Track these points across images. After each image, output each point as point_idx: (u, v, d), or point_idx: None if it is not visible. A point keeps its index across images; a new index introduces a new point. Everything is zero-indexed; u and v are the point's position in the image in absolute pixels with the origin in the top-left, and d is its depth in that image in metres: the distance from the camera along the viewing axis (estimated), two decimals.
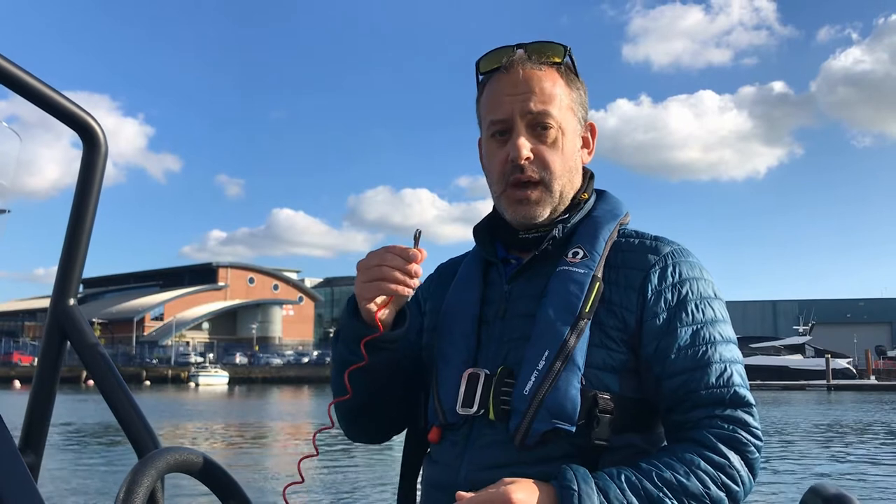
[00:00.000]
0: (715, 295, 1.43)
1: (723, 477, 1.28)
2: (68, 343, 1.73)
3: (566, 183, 1.45)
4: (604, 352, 1.35)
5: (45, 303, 1.82)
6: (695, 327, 1.38)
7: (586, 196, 1.50)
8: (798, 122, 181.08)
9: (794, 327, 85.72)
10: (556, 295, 1.38)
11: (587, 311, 1.35)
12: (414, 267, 1.33)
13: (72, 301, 1.72)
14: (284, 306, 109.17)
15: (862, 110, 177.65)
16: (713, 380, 1.35)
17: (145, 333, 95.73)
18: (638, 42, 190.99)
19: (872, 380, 66.02)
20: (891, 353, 79.79)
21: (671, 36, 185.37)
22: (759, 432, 1.34)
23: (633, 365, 1.38)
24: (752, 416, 1.35)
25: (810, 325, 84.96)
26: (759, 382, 62.13)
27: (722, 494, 1.27)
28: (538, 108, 1.41)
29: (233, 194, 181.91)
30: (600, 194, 1.56)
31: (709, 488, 1.26)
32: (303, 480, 1.44)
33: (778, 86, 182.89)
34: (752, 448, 1.32)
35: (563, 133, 1.44)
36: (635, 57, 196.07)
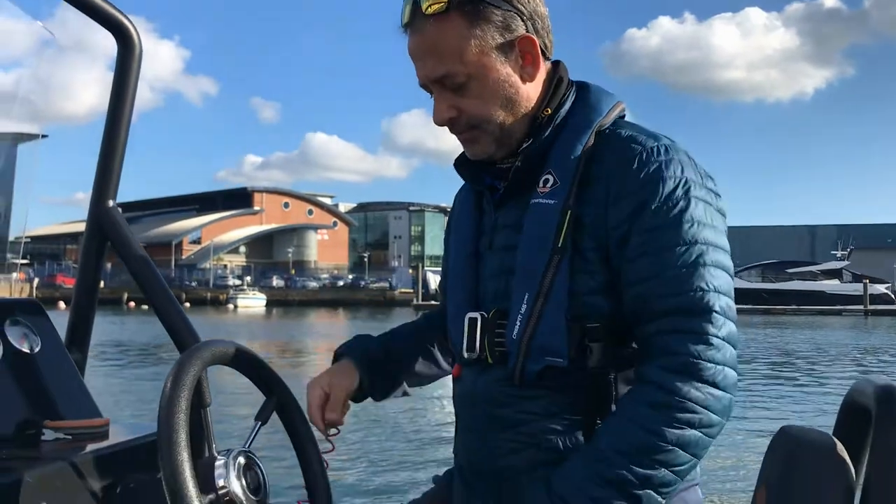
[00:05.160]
0: (686, 193, 1.30)
1: (676, 414, 1.22)
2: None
3: (503, 117, 1.38)
4: (587, 276, 1.32)
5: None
6: (652, 233, 1.29)
7: (549, 111, 1.41)
8: (849, 40, 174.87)
9: (833, 252, 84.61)
10: (530, 232, 1.36)
11: (560, 245, 1.32)
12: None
13: (111, 202, 1.78)
14: (319, 231, 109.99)
15: None
16: (667, 287, 1.27)
17: (183, 257, 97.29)
18: None
19: None
20: None
21: None
22: (717, 339, 1.25)
23: (617, 282, 1.34)
24: (709, 322, 1.25)
25: (849, 250, 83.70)
26: (794, 307, 61.78)
27: (685, 432, 1.22)
28: (438, 73, 1.36)
29: (267, 118, 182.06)
30: (580, 94, 1.43)
31: (665, 438, 1.22)
32: (333, 448, 1.51)
33: (829, 1, 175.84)
34: (706, 364, 1.24)
35: (476, 77, 1.36)
36: None
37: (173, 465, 1.12)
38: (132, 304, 63.51)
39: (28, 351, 1.59)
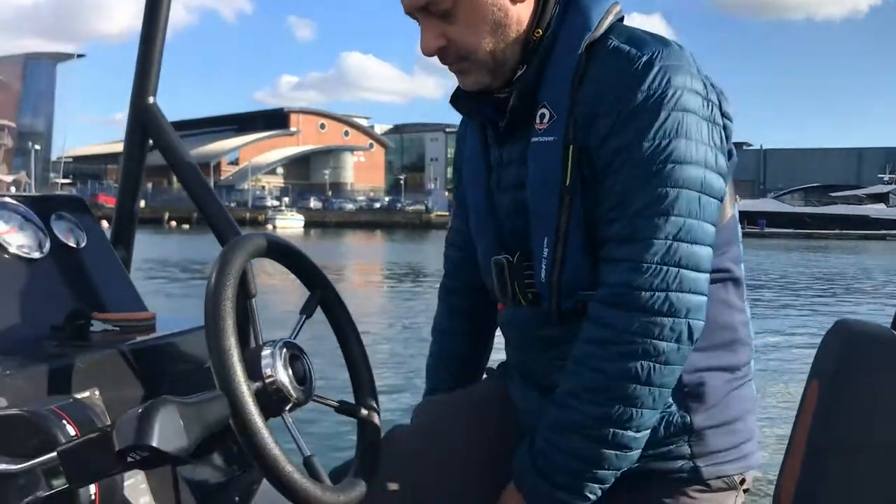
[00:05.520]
0: (659, 106, 1.20)
1: (617, 348, 1.19)
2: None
3: (493, 44, 1.29)
4: (599, 209, 1.26)
5: None
6: (616, 154, 1.22)
7: (540, 32, 1.31)
8: None
9: (879, 175, 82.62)
10: (535, 173, 1.30)
11: (568, 185, 1.25)
12: None
13: (151, 99, 1.77)
14: (355, 152, 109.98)
15: None
16: (610, 213, 1.22)
17: (222, 178, 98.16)
18: None
19: None
20: None
21: None
22: (651, 265, 1.18)
23: None
24: (644, 248, 1.19)
25: None
26: (836, 232, 60.85)
27: (630, 365, 1.19)
28: (421, 1, 1.28)
29: (303, 37, 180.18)
30: (568, 7, 1.32)
31: (609, 374, 1.20)
32: None
33: None
34: (640, 293, 1.18)
35: (462, 2, 1.27)
36: None
37: (221, 351, 1.12)
38: (173, 223, 64.61)
39: (74, 245, 1.60)
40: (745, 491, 1.39)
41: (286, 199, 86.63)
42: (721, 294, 1.34)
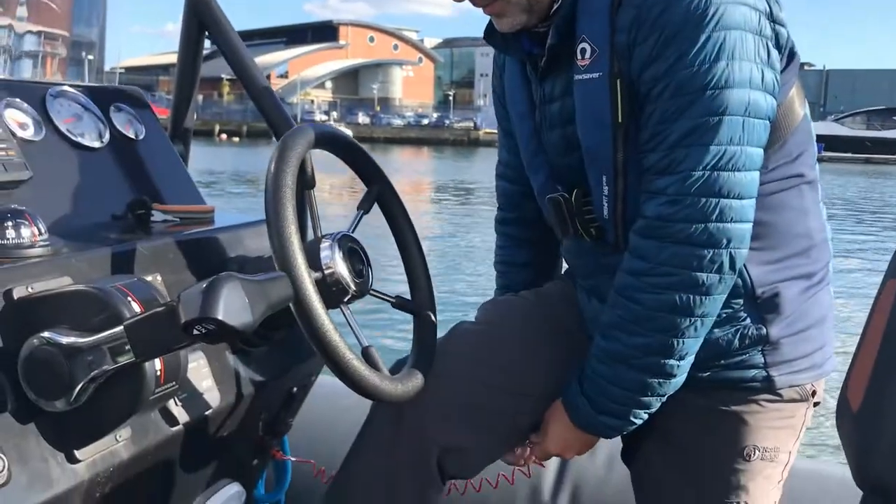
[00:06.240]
0: (697, 27, 1.12)
1: (651, 279, 1.18)
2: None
3: None
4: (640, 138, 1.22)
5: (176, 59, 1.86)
6: (654, 83, 1.16)
7: None
8: None
9: None
10: (583, 111, 1.24)
11: (621, 121, 1.20)
12: None
13: None
14: (404, 67, 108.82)
15: None
16: (647, 144, 1.18)
17: None
18: None
19: None
20: None
21: None
22: (683, 196, 1.15)
23: None
24: (677, 180, 1.15)
25: None
26: None
27: (665, 296, 1.17)
28: None
29: None
30: None
31: (646, 305, 1.19)
32: None
33: None
34: (672, 224, 1.15)
35: None
36: None
37: (282, 238, 1.12)
38: (223, 136, 65.19)
39: (133, 137, 1.60)
40: (816, 405, 1.35)
41: (334, 114, 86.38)
42: (795, 201, 1.29)
